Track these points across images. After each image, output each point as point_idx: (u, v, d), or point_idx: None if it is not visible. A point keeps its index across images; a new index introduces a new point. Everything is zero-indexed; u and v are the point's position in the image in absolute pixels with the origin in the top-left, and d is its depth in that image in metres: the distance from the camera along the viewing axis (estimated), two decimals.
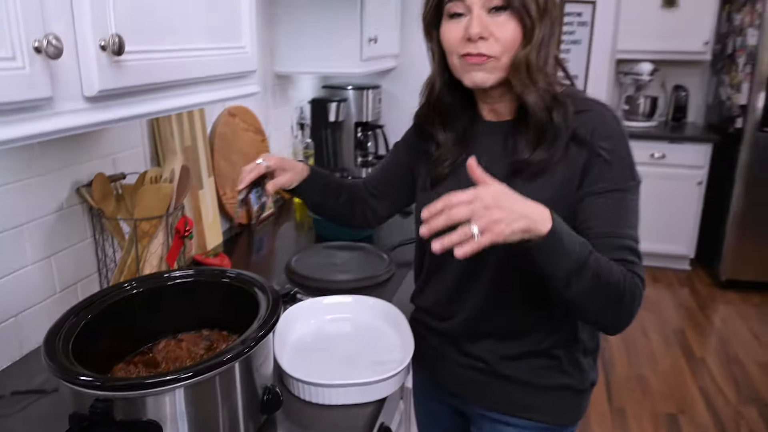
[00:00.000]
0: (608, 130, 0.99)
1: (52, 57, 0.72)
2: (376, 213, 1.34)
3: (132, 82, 0.87)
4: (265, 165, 1.17)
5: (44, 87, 0.73)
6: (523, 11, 0.95)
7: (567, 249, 0.86)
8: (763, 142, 3.63)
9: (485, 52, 0.97)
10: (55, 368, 0.77)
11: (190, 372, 0.80)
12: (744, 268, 3.84)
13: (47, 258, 1.22)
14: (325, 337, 1.23)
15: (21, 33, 0.69)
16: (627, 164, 0.98)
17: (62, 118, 0.79)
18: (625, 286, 0.91)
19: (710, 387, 2.85)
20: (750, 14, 3.65)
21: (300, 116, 2.41)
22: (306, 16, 2.07)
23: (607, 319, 0.95)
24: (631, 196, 0.98)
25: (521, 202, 0.84)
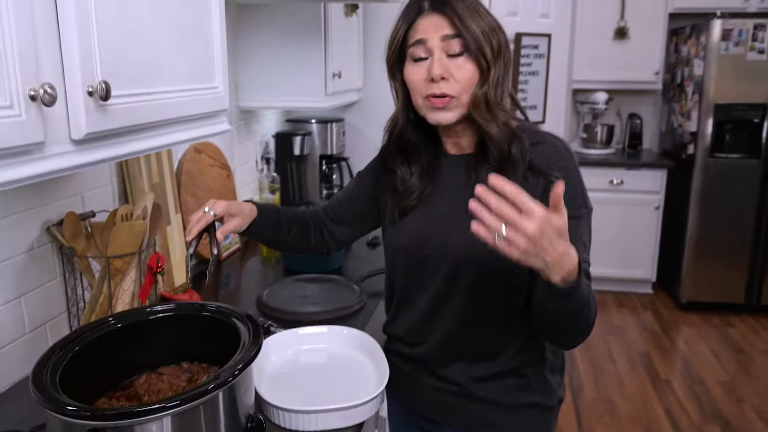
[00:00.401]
0: (561, 160, 1.10)
1: (47, 104, 0.78)
2: (335, 238, 1.41)
3: (116, 125, 0.94)
4: (212, 213, 1.22)
5: (38, 132, 0.80)
6: (479, 54, 1.07)
7: (579, 299, 0.93)
8: (714, 167, 3.87)
9: (447, 92, 1.08)
10: (46, 400, 0.81)
11: (176, 401, 0.85)
12: (703, 289, 4.04)
13: (17, 298, 1.26)
14: (302, 367, 1.29)
15: (18, 82, 0.76)
16: (579, 193, 1.09)
17: (51, 161, 0.85)
18: (594, 312, 1.01)
19: (675, 407, 2.97)
20: (695, 46, 3.91)
21: (265, 150, 2.48)
22: (271, 53, 2.17)
23: (572, 338, 1.06)
24: (584, 223, 1.09)
25: (567, 245, 0.87)
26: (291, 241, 1.39)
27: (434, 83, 1.08)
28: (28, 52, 0.77)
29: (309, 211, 1.42)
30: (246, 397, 0.99)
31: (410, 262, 1.23)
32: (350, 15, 2.41)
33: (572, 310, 0.96)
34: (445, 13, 1.07)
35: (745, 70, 3.71)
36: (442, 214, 1.18)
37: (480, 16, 1.08)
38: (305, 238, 1.39)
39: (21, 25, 0.76)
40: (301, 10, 2.13)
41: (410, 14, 1.12)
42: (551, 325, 1.04)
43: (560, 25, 3.91)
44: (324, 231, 1.40)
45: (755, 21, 3.66)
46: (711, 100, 3.78)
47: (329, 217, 1.40)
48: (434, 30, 1.08)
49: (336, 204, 1.41)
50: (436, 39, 1.08)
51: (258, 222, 1.31)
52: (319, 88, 2.19)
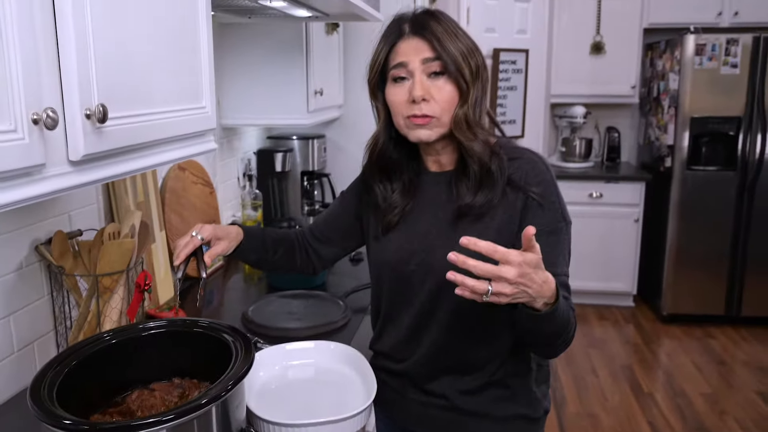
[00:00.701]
0: (539, 175, 1.17)
1: (49, 128, 0.83)
2: (320, 257, 1.46)
3: (112, 146, 0.99)
4: (199, 238, 1.27)
5: (39, 155, 0.84)
6: (458, 75, 1.14)
7: (560, 317, 1.01)
8: (691, 180, 4.00)
9: (427, 112, 1.14)
10: (44, 415, 0.85)
11: (171, 415, 0.90)
12: (683, 302, 4.15)
13: (7, 317, 1.29)
14: (289, 383, 1.33)
15: (22, 107, 0.80)
16: (557, 207, 1.16)
17: (49, 182, 0.90)
18: (574, 324, 1.09)
19: (658, 420, 3.05)
20: (669, 60, 4.06)
21: (246, 167, 2.53)
22: (253, 70, 2.23)
23: (553, 349, 1.13)
24: (563, 236, 1.16)
25: (548, 278, 0.95)
26: (277, 262, 1.44)
27: (415, 104, 1.14)
28: (31, 78, 0.82)
29: (294, 231, 1.47)
30: (238, 412, 1.04)
31: (395, 279, 1.28)
32: (331, 33, 2.49)
33: (556, 328, 1.04)
34: (425, 36, 1.14)
35: (719, 83, 3.86)
36: (424, 231, 1.24)
37: (458, 39, 1.15)
38: (291, 259, 1.44)
39: (25, 54, 0.80)
40: (283, 29, 2.20)
41: (391, 37, 1.18)
42: (535, 342, 1.14)
43: (537, 41, 4.04)
44: (309, 250, 1.45)
45: (727, 36, 3.81)
46: (687, 114, 3.92)
47: (314, 237, 1.45)
48: (415, 53, 1.14)
49: (321, 223, 1.47)
50: (416, 62, 1.14)
51: (244, 244, 1.36)
52: (301, 105, 2.25)
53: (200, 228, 1.28)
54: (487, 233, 1.13)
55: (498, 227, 1.15)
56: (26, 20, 0.81)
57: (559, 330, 1.04)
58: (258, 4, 1.63)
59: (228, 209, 2.43)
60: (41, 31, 0.85)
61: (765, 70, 3.80)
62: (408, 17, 1.18)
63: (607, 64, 4.42)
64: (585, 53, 4.42)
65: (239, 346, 1.06)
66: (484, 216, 1.16)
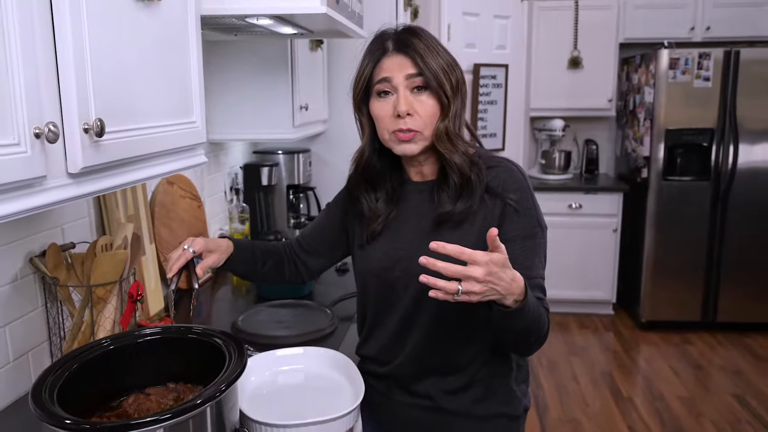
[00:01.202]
0: (516, 183, 1.23)
1: (51, 141, 0.87)
2: (308, 268, 1.51)
3: (109, 158, 1.03)
4: (191, 251, 1.30)
5: (41, 167, 0.88)
6: (439, 90, 1.19)
7: (530, 313, 1.07)
8: (667, 190, 4.09)
9: (412, 126, 1.19)
10: (46, 416, 0.88)
11: (168, 414, 0.93)
12: (661, 309, 4.23)
13: (2, 327, 1.31)
14: (280, 387, 1.36)
15: (25, 122, 0.84)
16: (533, 213, 1.22)
17: (50, 193, 0.93)
18: (545, 321, 1.14)
19: (638, 424, 3.11)
20: (645, 74, 4.17)
21: (233, 181, 2.57)
22: (240, 86, 2.27)
23: (526, 347, 1.19)
24: (539, 241, 1.22)
25: (515, 276, 1.01)
26: (266, 273, 1.47)
27: (400, 119, 1.19)
28: (33, 94, 0.86)
29: (282, 243, 1.51)
30: (232, 414, 1.07)
31: (380, 286, 1.33)
32: (315, 50, 2.54)
33: (527, 324, 1.09)
34: (408, 53, 1.19)
35: (693, 96, 3.97)
36: (408, 238, 1.29)
37: (439, 55, 1.21)
38: (280, 270, 1.48)
39: (28, 71, 0.84)
40: (269, 46, 2.25)
41: (376, 54, 1.24)
42: (509, 340, 1.19)
43: (516, 56, 4.13)
44: (297, 262, 1.49)
45: (700, 50, 3.93)
46: (662, 126, 4.02)
47: (302, 248, 1.49)
48: (398, 69, 1.20)
49: (308, 235, 1.51)
50: (400, 77, 1.19)
51: (234, 257, 1.40)
52: (287, 119, 2.30)
53: (192, 241, 1.32)
54: (467, 239, 1.18)
55: (477, 233, 1.20)
56: (28, 41, 0.85)
57: (529, 326, 1.10)
58: (245, 22, 1.67)
59: (215, 222, 2.46)
60: (41, 51, 0.89)
61: (736, 82, 3.92)
62: (391, 34, 1.24)
63: (584, 79, 4.52)
64: (563, 68, 4.53)
65: (232, 349, 1.10)
66: (463, 222, 1.22)
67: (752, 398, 3.34)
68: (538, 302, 1.11)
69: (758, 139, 3.97)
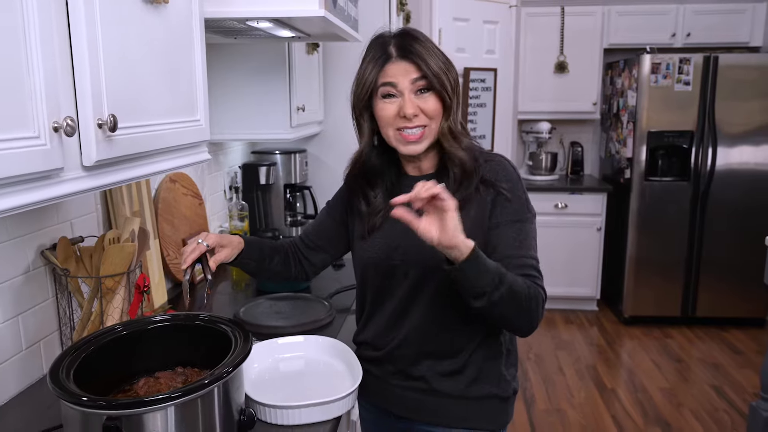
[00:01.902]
0: (508, 174, 1.28)
1: (68, 135, 0.90)
2: (312, 264, 1.53)
3: (120, 153, 1.06)
4: (205, 245, 1.32)
5: (58, 159, 0.91)
6: (442, 90, 1.24)
7: (487, 267, 1.11)
8: (649, 190, 4.15)
9: (419, 123, 1.24)
10: (65, 393, 0.91)
11: (179, 393, 0.96)
12: (643, 305, 4.29)
13: (15, 317, 1.34)
14: (282, 373, 1.40)
15: (44, 116, 0.87)
16: (523, 201, 1.28)
17: (66, 185, 0.96)
18: (530, 294, 1.17)
19: (621, 414, 3.16)
20: (628, 78, 4.23)
21: (233, 180, 2.60)
22: (239, 88, 2.30)
23: (520, 321, 1.20)
24: (529, 225, 1.27)
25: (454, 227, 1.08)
26: (273, 269, 1.49)
27: (407, 119, 1.24)
28: (51, 90, 0.89)
29: (287, 241, 1.54)
30: (238, 395, 1.10)
31: (379, 274, 1.36)
32: (311, 53, 2.57)
33: (493, 281, 1.11)
34: (412, 59, 1.23)
35: (673, 100, 4.03)
36: (406, 229, 1.31)
37: (436, 56, 1.25)
38: (286, 266, 1.50)
39: (47, 68, 0.87)
40: (267, 49, 2.28)
41: (380, 60, 1.26)
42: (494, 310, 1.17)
43: (505, 61, 4.17)
44: (301, 258, 1.52)
45: (680, 55, 3.99)
46: (644, 128, 4.08)
47: (305, 245, 1.52)
48: (403, 74, 1.24)
49: (310, 232, 1.53)
50: (405, 82, 1.23)
51: (244, 253, 1.42)
52: (284, 120, 2.33)
53: (206, 236, 1.35)
54: (463, 227, 1.22)
55: (473, 220, 1.24)
56: (47, 42, 0.88)
57: (492, 282, 1.11)
58: (246, 25, 1.70)
59: (216, 220, 2.49)
60: (58, 51, 0.92)
61: (715, 87, 3.98)
62: (391, 40, 1.27)
63: (570, 83, 4.58)
64: (550, 72, 4.58)
65: (238, 335, 1.13)
66: (460, 212, 1.25)
67: (729, 389, 3.40)
68: (497, 264, 1.14)
69: (736, 141, 4.04)
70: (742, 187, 4.09)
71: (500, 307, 1.14)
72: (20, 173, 0.84)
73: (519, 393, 1.42)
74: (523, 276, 1.19)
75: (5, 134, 0.81)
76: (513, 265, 1.20)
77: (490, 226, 1.26)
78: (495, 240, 1.24)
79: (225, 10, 1.54)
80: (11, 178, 0.83)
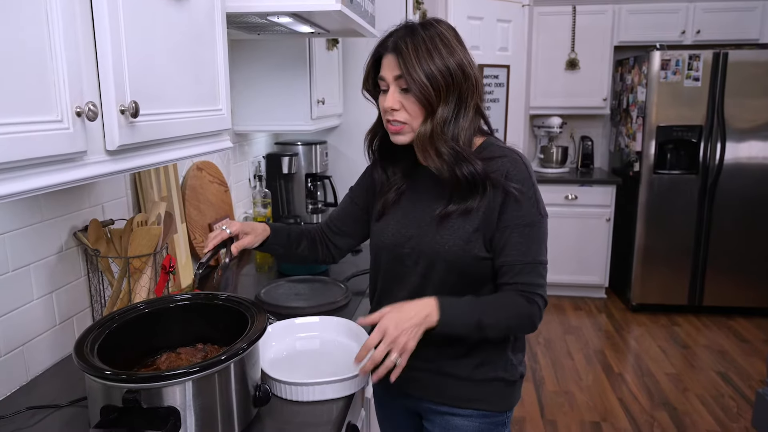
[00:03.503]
0: (518, 174, 1.19)
1: (91, 119, 0.89)
2: (338, 247, 1.50)
3: (142, 138, 1.04)
4: (228, 231, 1.33)
5: (81, 143, 0.90)
6: (420, 95, 1.15)
7: (462, 318, 1.16)
8: (657, 183, 4.06)
9: (398, 118, 1.19)
10: (88, 367, 0.91)
11: (196, 368, 0.95)
12: (650, 293, 4.21)
13: (49, 294, 1.34)
14: (298, 352, 1.38)
15: (68, 101, 0.86)
16: (533, 202, 1.19)
17: (90, 168, 0.95)
18: (521, 313, 1.18)
19: (627, 397, 3.11)
20: (638, 75, 4.13)
21: (257, 169, 2.59)
22: (262, 82, 2.28)
23: (516, 333, 1.26)
24: (538, 228, 1.20)
25: (413, 311, 1.13)
26: (301, 254, 1.47)
27: (389, 113, 1.20)
28: (74, 76, 0.87)
29: (312, 227, 1.52)
30: (254, 371, 1.09)
31: (391, 260, 1.33)
32: (331, 48, 2.55)
33: (469, 322, 1.16)
34: (397, 55, 1.16)
35: (683, 95, 3.93)
36: (417, 218, 1.28)
37: (431, 60, 1.13)
38: (313, 250, 1.48)
39: (70, 56, 0.86)
40: (289, 45, 2.25)
41: (378, 51, 1.22)
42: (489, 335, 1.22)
43: (517, 58, 4.11)
44: (328, 243, 1.50)
45: (690, 52, 3.89)
46: (653, 123, 3.99)
47: (330, 230, 1.50)
48: (389, 69, 1.18)
49: (335, 218, 1.50)
50: (390, 77, 1.18)
51: (271, 239, 1.41)
52: (305, 113, 2.31)
53: (230, 222, 1.35)
54: (472, 223, 1.19)
55: (482, 218, 1.20)
56: (70, 27, 0.87)
57: (471, 325, 1.16)
58: (267, 20, 1.68)
59: (240, 207, 2.48)
60: (82, 36, 0.91)
61: (724, 82, 3.87)
62: (394, 33, 1.20)
63: (581, 79, 4.50)
64: (561, 69, 4.50)
65: (254, 313, 1.12)
66: (470, 210, 1.21)
67: (735, 375, 3.32)
68: (471, 306, 1.17)
69: (744, 136, 3.93)
70: (749, 181, 3.98)
71: (494, 332, 1.20)
72: (44, 155, 0.83)
73: (528, 375, 1.39)
74: (528, 284, 1.18)
75: (28, 117, 0.80)
76: (515, 272, 1.18)
77: (498, 227, 1.20)
78: (501, 242, 1.20)
79: (246, 4, 1.52)
80: (35, 160, 0.82)
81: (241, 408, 1.04)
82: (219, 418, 1.00)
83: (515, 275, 1.19)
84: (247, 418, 1.07)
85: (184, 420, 0.93)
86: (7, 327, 1.23)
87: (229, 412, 1.02)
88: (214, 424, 0.99)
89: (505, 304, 1.19)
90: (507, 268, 1.19)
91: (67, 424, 1.10)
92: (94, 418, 0.94)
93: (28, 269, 1.28)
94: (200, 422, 0.96)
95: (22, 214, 1.26)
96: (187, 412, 0.95)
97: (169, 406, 0.91)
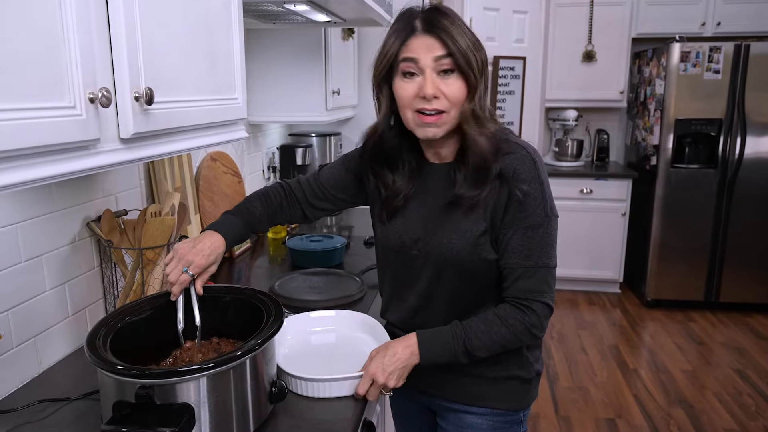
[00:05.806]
0: (526, 173, 1.12)
1: (104, 106, 0.85)
2: (318, 209, 1.39)
3: (157, 127, 1.01)
4: (190, 275, 1.14)
5: (94, 130, 0.87)
6: (468, 71, 1.09)
7: (444, 348, 1.16)
8: (674, 177, 3.99)
9: (438, 107, 1.09)
10: (101, 362, 0.88)
11: (211, 363, 0.92)
12: (666, 288, 4.14)
13: (62, 285, 1.32)
14: (314, 346, 1.35)
15: (80, 87, 0.83)
16: (540, 203, 1.12)
17: (103, 156, 0.92)
18: (513, 327, 1.15)
19: (643, 393, 3.06)
20: (656, 67, 4.05)
21: (271, 160, 2.56)
22: (277, 72, 2.25)
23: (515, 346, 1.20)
24: (544, 230, 1.13)
25: (398, 354, 1.16)
26: (267, 226, 1.38)
27: (426, 100, 1.09)
28: (87, 61, 0.84)
29: (282, 189, 1.39)
30: (269, 367, 1.06)
31: (399, 262, 1.27)
32: (347, 39, 2.50)
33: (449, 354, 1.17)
34: (438, 34, 1.08)
35: (702, 88, 3.84)
36: (425, 218, 1.22)
37: (465, 34, 1.09)
38: (279, 217, 1.38)
39: (83, 39, 0.83)
40: (304, 34, 2.22)
41: (402, 33, 1.12)
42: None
43: (534, 49, 4.04)
44: (304, 205, 1.38)
45: (711, 44, 3.80)
46: (671, 116, 3.91)
47: (314, 194, 1.38)
48: (426, 51, 1.09)
49: (325, 182, 1.38)
50: (428, 59, 1.08)
51: (229, 245, 1.25)
52: (320, 103, 2.27)
53: (190, 265, 1.15)
54: (479, 221, 1.14)
55: (489, 216, 1.14)
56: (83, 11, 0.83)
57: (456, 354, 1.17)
58: (283, 8, 1.64)
59: None
60: (95, 21, 0.87)
61: (745, 75, 3.78)
62: (418, 13, 1.13)
63: (597, 71, 4.41)
64: (577, 61, 4.42)
65: (271, 308, 1.09)
66: (477, 206, 1.15)
67: (753, 373, 3.26)
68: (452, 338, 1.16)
69: (765, 130, 3.84)
70: None
71: (485, 353, 1.17)
72: (56, 142, 0.79)
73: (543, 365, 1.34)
74: (521, 293, 1.14)
75: (40, 103, 0.76)
76: (515, 277, 1.14)
77: (502, 226, 1.14)
78: (503, 244, 1.15)
79: None
80: (47, 147, 0.78)
81: (257, 404, 1.01)
82: (234, 414, 0.97)
83: (514, 280, 1.14)
84: (263, 415, 1.04)
85: (198, 417, 0.90)
86: (19, 318, 1.20)
87: (244, 409, 0.99)
88: (228, 421, 0.96)
89: (492, 323, 1.14)
90: (508, 271, 1.15)
91: (79, 418, 1.08)
92: (107, 413, 0.91)
93: (40, 260, 1.25)
94: (215, 419, 0.93)
95: (34, 204, 1.23)
96: (202, 409, 0.92)
97: (183, 402, 0.88)
